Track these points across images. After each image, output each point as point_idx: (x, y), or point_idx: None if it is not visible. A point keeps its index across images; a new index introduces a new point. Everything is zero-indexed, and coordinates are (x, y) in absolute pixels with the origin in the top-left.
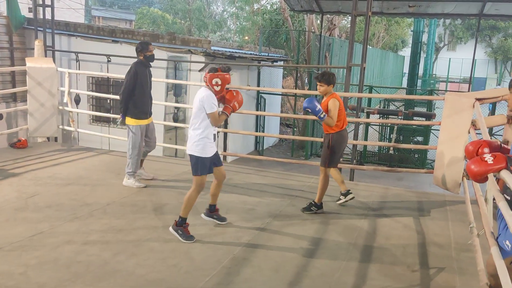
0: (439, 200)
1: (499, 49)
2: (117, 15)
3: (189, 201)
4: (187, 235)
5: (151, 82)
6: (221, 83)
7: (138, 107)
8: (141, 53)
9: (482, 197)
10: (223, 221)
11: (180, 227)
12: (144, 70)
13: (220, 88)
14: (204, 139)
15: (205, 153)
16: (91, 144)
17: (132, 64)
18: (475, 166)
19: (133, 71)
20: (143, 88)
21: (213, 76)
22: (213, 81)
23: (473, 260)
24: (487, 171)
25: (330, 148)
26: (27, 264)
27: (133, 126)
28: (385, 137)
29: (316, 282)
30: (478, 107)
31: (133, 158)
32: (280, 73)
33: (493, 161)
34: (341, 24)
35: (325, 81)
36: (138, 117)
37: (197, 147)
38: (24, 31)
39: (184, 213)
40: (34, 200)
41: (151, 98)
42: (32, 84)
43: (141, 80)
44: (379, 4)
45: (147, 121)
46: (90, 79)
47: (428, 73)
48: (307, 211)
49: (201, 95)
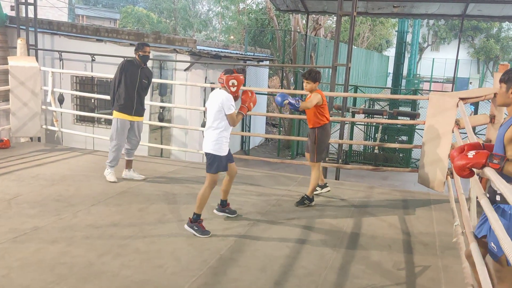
0: (424, 198)
1: (481, 50)
2: (102, 14)
3: (203, 197)
4: (203, 230)
5: (144, 82)
6: (237, 84)
7: (121, 101)
8: (136, 52)
9: (463, 195)
10: (233, 214)
11: (195, 223)
12: (135, 68)
13: (236, 89)
14: (222, 138)
15: (222, 151)
16: (75, 144)
17: (124, 60)
18: (457, 159)
19: (120, 67)
20: (130, 85)
21: (229, 78)
22: (230, 82)
23: (458, 258)
24: (466, 164)
25: (317, 142)
26: (10, 266)
27: (114, 118)
28: (370, 137)
29: (303, 281)
30: (462, 106)
31: (111, 149)
32: (266, 73)
33: (473, 156)
34: (327, 24)
35: (312, 78)
36: (120, 110)
37: (215, 146)
38: (6, 30)
39: (198, 209)
40: (17, 201)
41: (140, 97)
42: (15, 83)
43: (127, 76)
44: (364, 4)
45: (130, 118)
46: (74, 78)
47: (412, 73)
48: (301, 205)
49: (220, 97)
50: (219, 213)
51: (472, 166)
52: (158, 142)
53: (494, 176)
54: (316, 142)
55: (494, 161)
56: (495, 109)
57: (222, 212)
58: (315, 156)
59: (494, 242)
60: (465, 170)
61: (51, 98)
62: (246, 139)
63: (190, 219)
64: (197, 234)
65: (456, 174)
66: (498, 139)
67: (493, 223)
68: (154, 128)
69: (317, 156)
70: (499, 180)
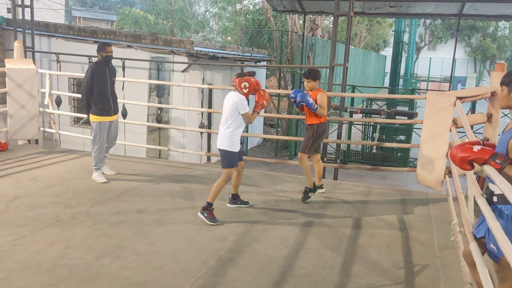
0: (422, 198)
1: (478, 49)
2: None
3: (217, 188)
4: (211, 218)
5: (113, 81)
6: (248, 86)
7: (98, 104)
8: (99, 52)
9: (462, 195)
10: (246, 204)
11: (206, 211)
12: (104, 69)
13: (248, 91)
14: (235, 136)
15: (235, 148)
16: (73, 146)
17: (90, 63)
18: (461, 150)
19: (90, 71)
20: (103, 87)
21: (241, 81)
22: (242, 84)
23: (456, 257)
24: (469, 156)
25: (314, 137)
26: (9, 269)
27: (93, 122)
28: (368, 136)
29: (302, 282)
30: (459, 105)
31: (94, 153)
32: (263, 73)
33: (478, 151)
34: (324, 24)
35: (312, 77)
36: (99, 113)
37: (229, 143)
38: (3, 32)
39: (211, 198)
40: (16, 204)
41: (114, 95)
42: (12, 85)
43: (99, 78)
44: (361, 4)
45: (110, 118)
46: (71, 80)
47: (409, 72)
48: (307, 199)
49: (233, 99)
50: (232, 205)
51: (474, 160)
52: (156, 143)
53: (495, 175)
54: (313, 136)
55: (497, 160)
56: (492, 108)
57: (234, 204)
58: (307, 148)
59: (494, 243)
60: (466, 162)
61: (48, 100)
62: (244, 139)
63: (203, 207)
64: (206, 221)
65: (455, 166)
66: (502, 143)
67: (491, 224)
68: (152, 129)
69: (309, 148)
70: (499, 178)
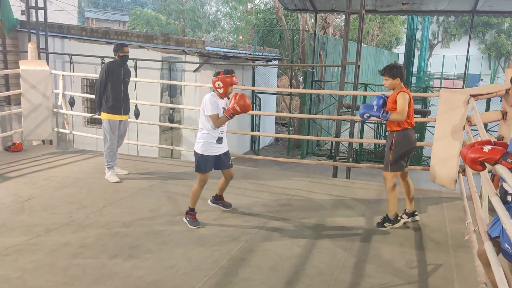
0: (435, 196)
1: (493, 45)
2: (111, 16)
3: (193, 193)
4: (193, 221)
5: (127, 81)
6: (222, 85)
7: (109, 102)
8: (116, 52)
9: (476, 193)
10: (228, 207)
11: (188, 215)
12: (119, 69)
13: (223, 90)
14: (209, 139)
15: (207, 151)
16: (87, 146)
17: (106, 62)
18: (471, 151)
19: (105, 69)
20: (116, 86)
21: (215, 80)
22: (216, 84)
23: (470, 256)
24: (480, 157)
25: (393, 149)
26: (23, 268)
27: (104, 120)
28: (380, 135)
29: (314, 281)
30: (473, 103)
31: (105, 151)
32: (275, 73)
33: (488, 151)
34: (335, 23)
35: (389, 74)
36: (109, 111)
37: (203, 146)
38: (17, 34)
39: (191, 203)
40: (30, 204)
41: (126, 96)
42: (26, 87)
43: (113, 77)
44: (372, 2)
45: (119, 117)
46: (84, 81)
47: (422, 70)
48: (381, 227)
49: (204, 99)
50: (212, 204)
51: (485, 161)
52: (169, 143)
53: (507, 174)
54: (392, 148)
55: (508, 160)
56: (507, 106)
57: (215, 204)
58: (389, 165)
59: (508, 243)
60: (477, 163)
61: (62, 101)
62: (256, 139)
63: (186, 211)
64: (188, 225)
65: (468, 166)
66: None
67: (505, 223)
68: (164, 129)
69: (390, 165)
70: (511, 178)
